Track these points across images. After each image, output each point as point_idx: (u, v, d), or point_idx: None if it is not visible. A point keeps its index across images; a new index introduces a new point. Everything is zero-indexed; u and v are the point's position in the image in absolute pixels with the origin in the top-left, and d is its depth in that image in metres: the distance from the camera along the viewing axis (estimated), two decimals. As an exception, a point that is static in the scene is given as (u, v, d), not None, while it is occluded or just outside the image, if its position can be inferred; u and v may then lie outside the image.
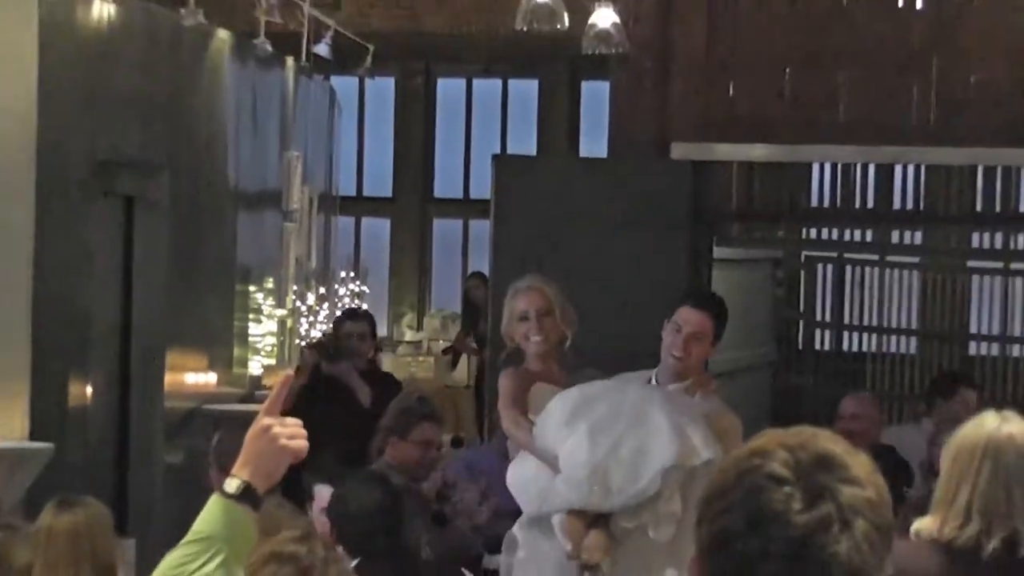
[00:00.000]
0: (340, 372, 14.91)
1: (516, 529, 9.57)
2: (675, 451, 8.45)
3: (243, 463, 5.77)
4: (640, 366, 10.15)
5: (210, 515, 5.71)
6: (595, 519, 8.60)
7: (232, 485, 5.67)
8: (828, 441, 3.82)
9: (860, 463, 3.80)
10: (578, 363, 13.05)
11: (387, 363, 20.54)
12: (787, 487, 3.69)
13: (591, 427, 8.74)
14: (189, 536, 5.75)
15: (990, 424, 6.77)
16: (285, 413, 12.46)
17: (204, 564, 5.61)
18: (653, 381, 9.68)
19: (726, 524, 3.74)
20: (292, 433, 5.80)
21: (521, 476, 9.43)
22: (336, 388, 14.46)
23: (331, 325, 15.41)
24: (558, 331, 9.92)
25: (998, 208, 23.42)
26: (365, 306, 21.54)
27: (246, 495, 5.68)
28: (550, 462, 8.89)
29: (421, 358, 22.92)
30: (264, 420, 5.79)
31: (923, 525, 6.87)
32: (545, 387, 9.55)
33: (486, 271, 21.98)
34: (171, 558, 5.75)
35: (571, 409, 8.96)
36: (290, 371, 17.84)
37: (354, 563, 8.70)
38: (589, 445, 8.70)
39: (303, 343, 13.86)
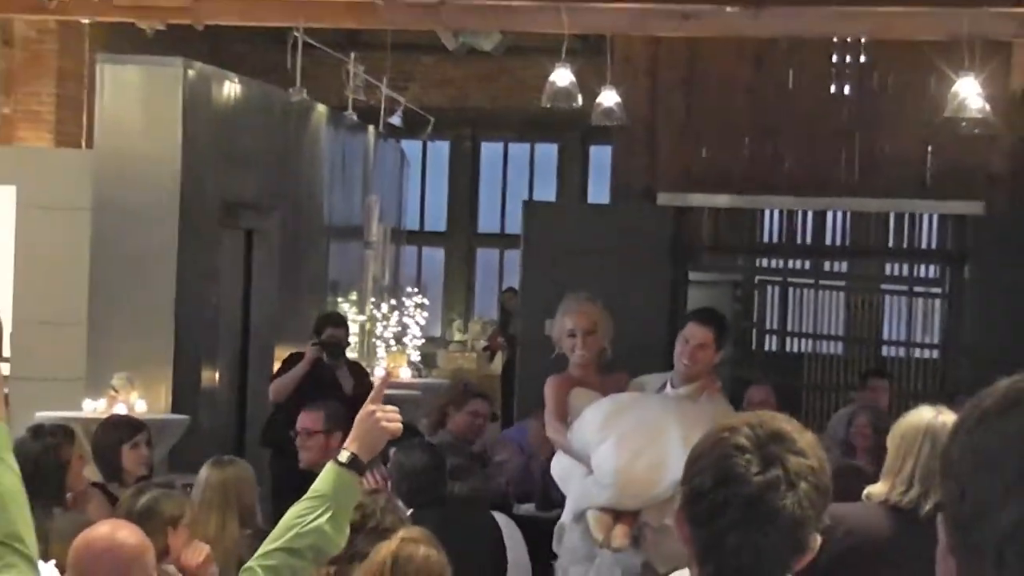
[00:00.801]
0: (335, 365, 14.14)
1: (565, 519, 9.20)
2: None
3: (353, 439, 5.89)
4: (633, 364, 9.99)
5: (325, 478, 5.84)
6: (621, 514, 8.40)
7: (344, 456, 5.83)
8: (782, 422, 4.01)
9: (806, 439, 3.96)
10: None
11: (440, 358, 20.52)
12: (747, 455, 3.85)
13: (618, 438, 8.45)
14: (309, 493, 5.83)
15: (928, 414, 6.67)
16: (293, 392, 12.69)
17: (318, 517, 5.69)
18: (669, 383, 9.40)
19: (700, 482, 3.92)
20: (391, 417, 5.91)
21: (560, 472, 9.19)
22: (325, 378, 13.74)
23: (317, 325, 14.67)
24: (599, 346, 9.53)
25: (904, 244, 23.60)
26: (426, 314, 21.42)
27: (354, 464, 5.81)
28: (584, 461, 8.68)
29: (466, 353, 22.38)
30: (370, 406, 5.93)
31: (874, 490, 6.80)
32: (582, 391, 9.23)
33: (516, 287, 22.15)
34: (294, 510, 5.83)
35: (602, 419, 8.64)
36: (392, 369, 18.08)
37: (409, 512, 8.40)
38: (616, 453, 8.44)
39: (312, 342, 13.42)
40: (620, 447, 8.28)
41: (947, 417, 6.46)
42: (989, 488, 2.17)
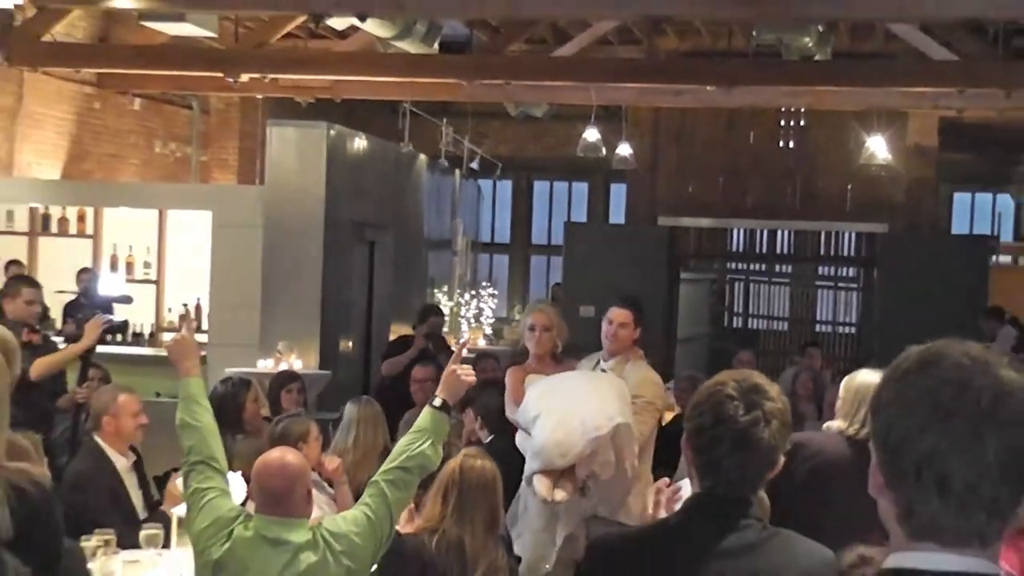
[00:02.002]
0: (436, 350, 13.29)
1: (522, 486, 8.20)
2: (598, 422, 7.53)
3: (441, 389, 6.03)
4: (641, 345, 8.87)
5: (424, 417, 5.89)
6: (560, 473, 7.62)
7: (437, 401, 5.95)
8: (758, 377, 4.02)
9: (775, 389, 3.97)
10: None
11: (506, 331, 20.24)
12: (735, 401, 3.86)
13: (545, 413, 7.70)
14: (413, 428, 5.90)
15: (873, 375, 6.12)
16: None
17: (421, 444, 5.75)
18: (602, 359, 8.63)
19: (701, 422, 3.91)
20: (467, 373, 6.10)
21: (520, 444, 8.15)
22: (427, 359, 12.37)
23: (421, 314, 14.36)
24: (553, 342, 8.71)
25: (832, 253, 23.53)
26: (496, 301, 21.27)
27: (443, 407, 5.93)
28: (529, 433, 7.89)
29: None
30: (452, 366, 6.12)
31: (833, 425, 6.54)
32: (535, 376, 8.40)
33: (561, 283, 22.09)
34: (404, 441, 5.90)
35: (535, 399, 7.90)
36: (470, 340, 17.96)
37: (490, 439, 8.62)
38: (543, 427, 7.65)
39: (423, 333, 13.11)
40: (546, 421, 7.66)
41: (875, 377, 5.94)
42: (909, 425, 2.17)
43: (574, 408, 7.66)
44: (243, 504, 5.97)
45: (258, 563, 5.41)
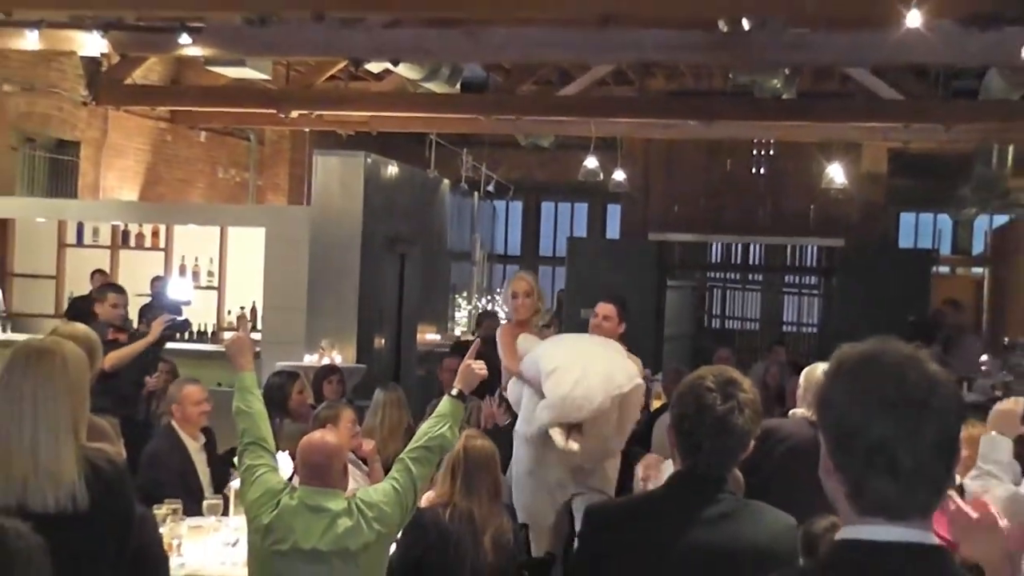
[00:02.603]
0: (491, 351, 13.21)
1: (517, 429, 8.03)
2: (614, 383, 7.34)
3: (459, 381, 6.02)
4: (631, 338, 8.61)
5: (444, 405, 5.92)
6: (571, 426, 7.40)
7: (455, 391, 5.96)
8: (733, 372, 4.01)
9: (747, 383, 3.98)
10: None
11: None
12: (714, 392, 3.88)
13: (564, 366, 7.40)
14: (434, 414, 5.92)
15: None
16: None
17: (441, 428, 5.79)
18: None
19: (684, 410, 3.93)
20: (480, 367, 6.09)
21: (513, 395, 8.10)
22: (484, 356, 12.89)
23: (479, 318, 14.32)
24: (534, 306, 8.40)
25: (796, 264, 23.52)
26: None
27: (460, 395, 5.95)
28: (535, 386, 7.62)
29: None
30: (467, 361, 6.10)
31: (797, 412, 6.48)
32: (526, 335, 8.16)
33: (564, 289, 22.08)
34: (426, 424, 5.93)
35: (550, 352, 7.62)
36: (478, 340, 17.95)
37: (508, 420, 8.57)
38: (564, 379, 7.34)
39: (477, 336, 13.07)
40: (565, 375, 7.34)
41: None
42: (859, 417, 2.16)
43: (595, 364, 7.43)
44: (290, 479, 6.01)
45: (301, 527, 5.48)
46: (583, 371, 7.35)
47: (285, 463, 6.64)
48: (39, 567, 3.00)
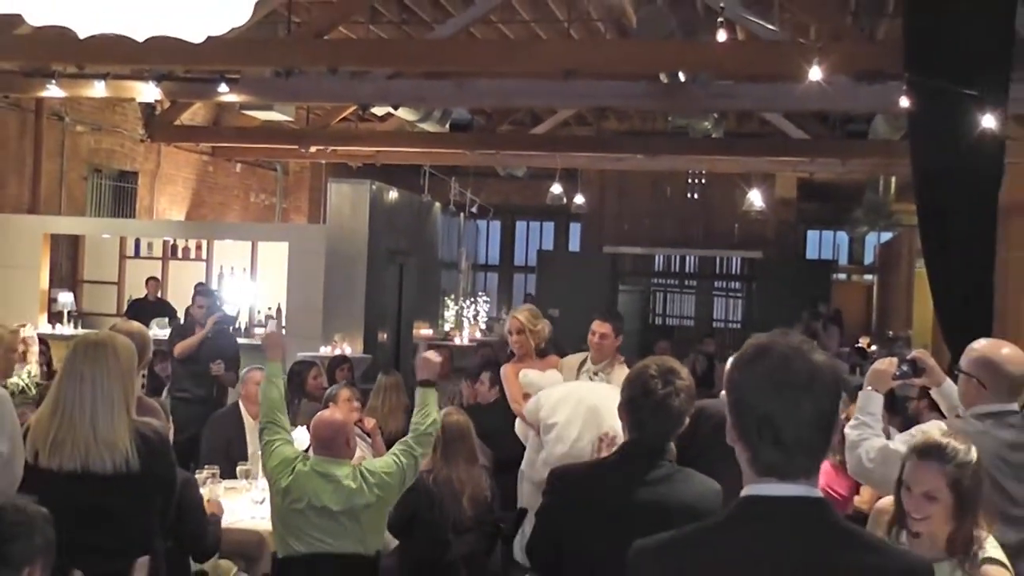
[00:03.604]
0: None
1: (523, 468, 6.88)
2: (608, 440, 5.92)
3: (420, 372, 5.82)
4: (584, 336, 8.14)
5: (420, 395, 5.79)
6: None
7: (420, 380, 5.80)
8: (672, 361, 4.08)
9: (684, 371, 4.05)
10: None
11: (495, 327, 20.38)
12: (656, 379, 3.94)
13: (562, 423, 6.17)
14: (417, 405, 5.80)
15: None
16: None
17: (431, 413, 5.71)
18: (589, 360, 7.02)
19: (632, 393, 4.00)
20: (433, 355, 5.92)
21: (520, 432, 6.95)
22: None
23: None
24: (528, 343, 7.27)
25: (724, 272, 23.56)
26: (488, 305, 21.05)
27: (425, 383, 5.77)
28: (535, 428, 6.42)
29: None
30: (422, 353, 5.99)
31: (723, 394, 6.33)
32: (528, 370, 7.21)
33: (532, 293, 22.04)
34: (416, 416, 5.80)
35: (550, 406, 6.30)
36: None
37: (495, 398, 8.35)
38: (563, 438, 6.11)
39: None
40: (563, 433, 6.13)
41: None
42: (752, 397, 2.19)
43: (591, 423, 6.11)
44: (306, 450, 5.98)
45: (312, 489, 5.45)
46: (581, 431, 6.18)
47: (303, 436, 6.60)
48: (42, 533, 2.95)
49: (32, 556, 2.94)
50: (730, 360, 2.34)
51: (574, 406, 6.21)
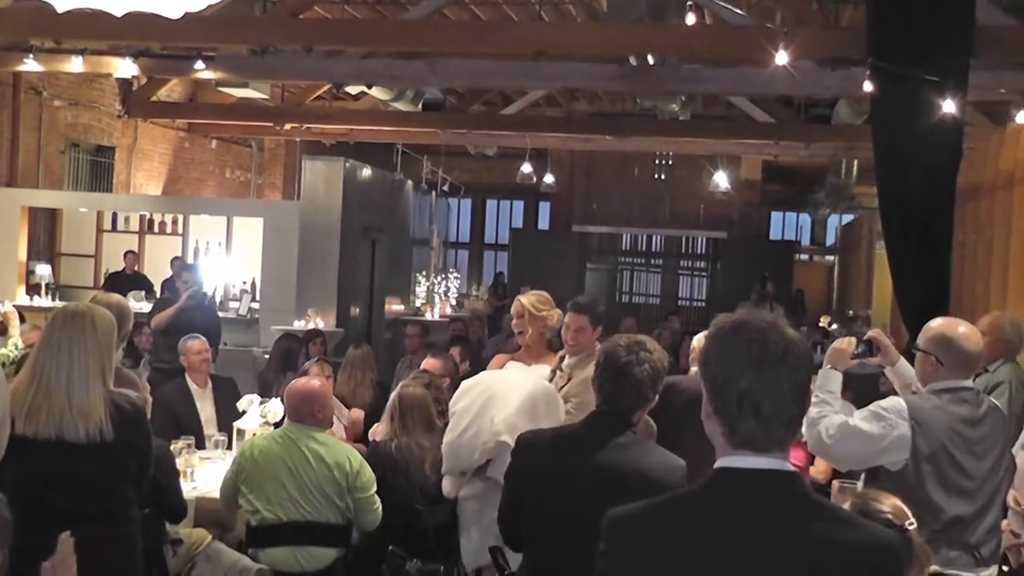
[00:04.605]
0: None
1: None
2: (487, 437, 5.29)
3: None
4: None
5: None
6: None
7: None
8: (645, 337, 4.13)
9: (653, 344, 4.09)
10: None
11: (466, 303, 20.34)
12: (622, 349, 4.00)
13: (458, 414, 5.52)
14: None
15: None
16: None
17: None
18: (567, 355, 5.90)
19: (599, 362, 4.05)
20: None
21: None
22: None
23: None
24: (535, 329, 6.15)
25: (690, 251, 23.63)
26: (459, 282, 20.85)
27: None
28: None
29: (478, 301, 21.60)
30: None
31: (693, 369, 5.94)
32: (514, 364, 6.16)
33: (505, 273, 22.06)
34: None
35: (457, 394, 5.72)
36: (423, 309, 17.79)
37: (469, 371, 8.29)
38: (454, 426, 5.51)
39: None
40: (455, 423, 5.57)
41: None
42: (730, 371, 2.19)
43: (484, 416, 5.47)
44: (282, 420, 6.01)
45: (284, 453, 5.65)
46: (478, 415, 5.50)
47: (279, 408, 6.75)
48: (3, 513, 2.86)
49: None
50: (704, 335, 2.35)
51: (476, 395, 5.62)
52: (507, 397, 5.47)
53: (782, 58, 8.11)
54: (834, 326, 15.54)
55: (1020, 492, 4.25)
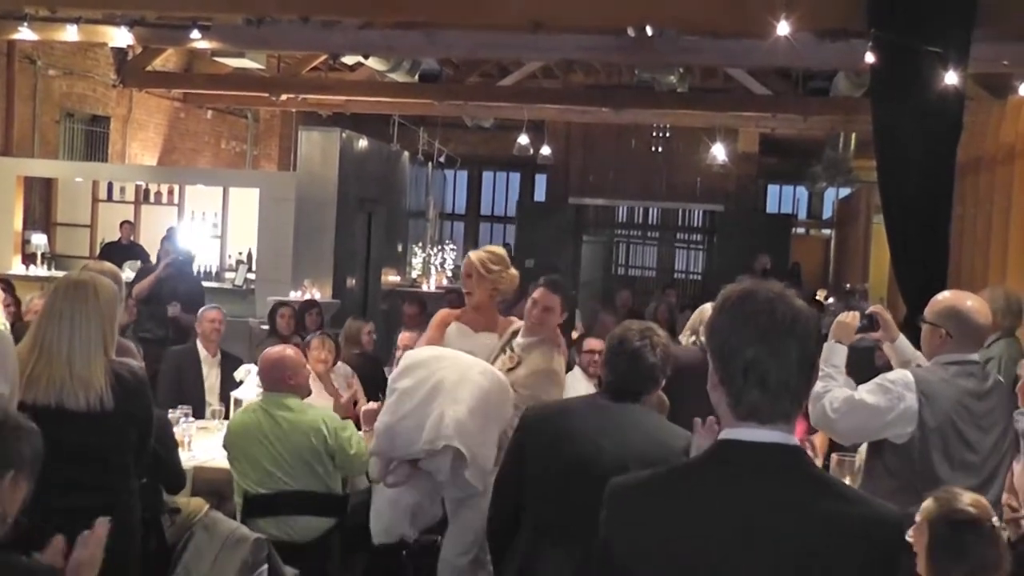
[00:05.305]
0: None
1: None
2: (433, 436, 4.93)
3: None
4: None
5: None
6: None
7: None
8: (652, 325, 4.22)
9: (661, 331, 4.19)
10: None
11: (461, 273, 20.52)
12: (636, 336, 4.07)
13: (398, 395, 5.10)
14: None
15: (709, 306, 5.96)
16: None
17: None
18: (521, 334, 5.48)
19: (612, 343, 4.12)
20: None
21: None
22: None
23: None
24: (483, 290, 5.60)
25: (686, 224, 23.63)
26: (455, 253, 20.51)
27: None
28: None
29: None
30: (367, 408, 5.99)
31: (682, 338, 6.15)
32: (456, 328, 5.61)
33: (509, 243, 22.07)
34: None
35: (400, 370, 5.24)
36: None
37: None
38: (390, 410, 5.10)
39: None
40: (396, 404, 5.09)
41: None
42: (737, 341, 2.17)
43: (430, 403, 5.03)
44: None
45: (257, 425, 5.72)
46: (422, 401, 5.06)
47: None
48: (29, 442, 2.96)
49: (15, 461, 2.94)
50: (709, 306, 2.34)
51: (422, 378, 5.11)
52: (457, 391, 5.04)
53: (783, 29, 8.06)
54: (830, 300, 15.57)
55: (1012, 496, 4.23)
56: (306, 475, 5.64)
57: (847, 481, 4.35)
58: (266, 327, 10.06)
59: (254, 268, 14.67)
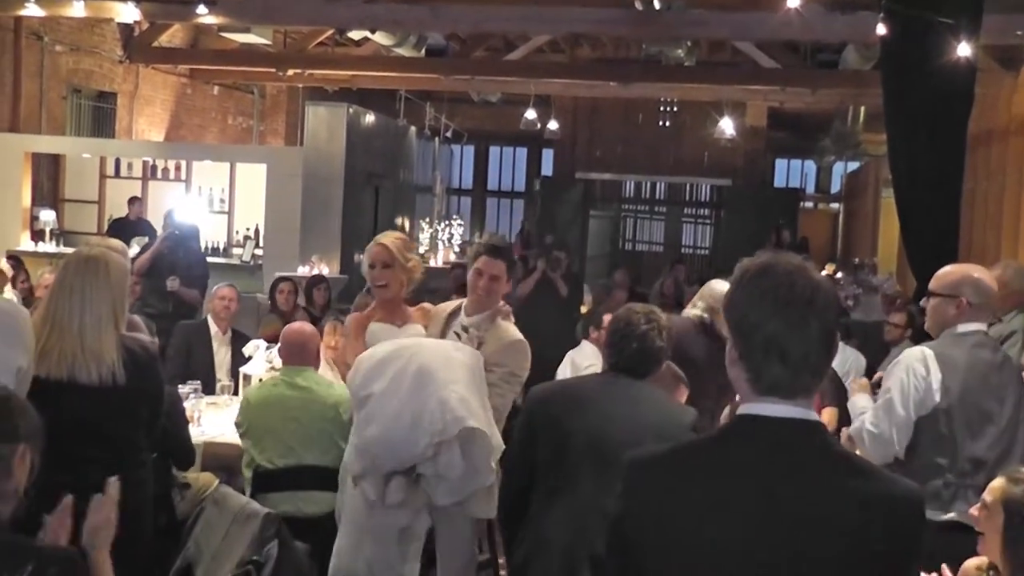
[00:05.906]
0: (555, 276, 11.57)
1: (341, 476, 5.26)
2: (442, 425, 4.45)
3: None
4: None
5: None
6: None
7: None
8: (654, 307, 4.34)
9: (663, 314, 4.28)
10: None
11: (469, 249, 20.47)
12: (641, 319, 4.16)
13: (378, 398, 4.55)
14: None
15: (721, 284, 5.64)
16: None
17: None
18: (463, 311, 5.08)
19: (617, 326, 4.20)
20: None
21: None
22: (549, 282, 11.65)
23: (548, 248, 12.77)
24: (399, 281, 5.25)
25: (693, 199, 23.56)
26: (462, 228, 20.40)
27: None
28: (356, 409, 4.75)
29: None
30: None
31: (685, 312, 6.03)
32: (379, 327, 5.19)
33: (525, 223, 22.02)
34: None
35: (364, 374, 4.66)
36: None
37: None
38: (375, 415, 4.55)
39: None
40: (378, 409, 4.58)
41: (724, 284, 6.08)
42: (757, 315, 2.14)
43: (419, 394, 4.56)
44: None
45: (280, 399, 5.73)
46: (409, 394, 4.59)
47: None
48: (26, 418, 2.95)
49: (24, 435, 2.94)
50: (716, 281, 2.30)
51: (396, 372, 4.64)
52: (447, 372, 4.62)
53: (793, 1, 8.01)
54: (839, 274, 15.51)
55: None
56: (323, 449, 5.63)
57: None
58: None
59: (261, 244, 14.67)
